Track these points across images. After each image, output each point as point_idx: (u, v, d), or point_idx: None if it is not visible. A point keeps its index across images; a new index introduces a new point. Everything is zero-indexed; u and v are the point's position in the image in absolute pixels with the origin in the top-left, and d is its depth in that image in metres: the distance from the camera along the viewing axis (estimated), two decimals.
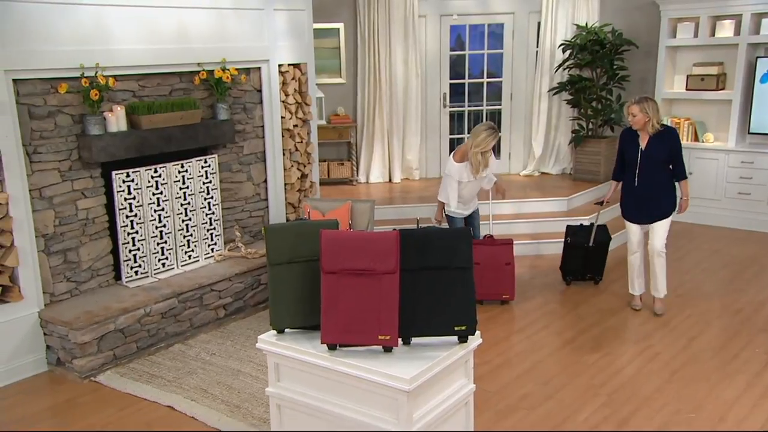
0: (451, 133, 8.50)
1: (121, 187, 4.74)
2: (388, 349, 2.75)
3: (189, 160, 5.19)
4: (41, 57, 4.28)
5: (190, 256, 5.29)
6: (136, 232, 4.88)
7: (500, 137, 6.12)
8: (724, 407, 3.84)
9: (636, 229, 5.12)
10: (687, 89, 7.64)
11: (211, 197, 5.39)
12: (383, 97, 8.03)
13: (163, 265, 5.10)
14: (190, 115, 5.12)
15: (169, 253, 5.14)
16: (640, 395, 3.98)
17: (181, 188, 5.15)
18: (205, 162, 5.31)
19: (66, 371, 4.35)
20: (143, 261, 4.96)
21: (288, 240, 2.90)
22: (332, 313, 2.72)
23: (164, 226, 5.07)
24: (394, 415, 2.63)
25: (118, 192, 4.73)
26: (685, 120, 7.66)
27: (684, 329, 4.89)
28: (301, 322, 2.92)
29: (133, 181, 4.81)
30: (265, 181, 6.04)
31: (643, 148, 4.86)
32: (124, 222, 4.80)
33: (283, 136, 6.05)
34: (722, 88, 7.48)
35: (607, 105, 7.85)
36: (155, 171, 4.95)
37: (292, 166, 6.19)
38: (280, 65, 5.92)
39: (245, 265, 5.30)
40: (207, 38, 5.26)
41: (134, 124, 4.83)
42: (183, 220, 5.20)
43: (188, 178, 5.20)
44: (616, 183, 5.21)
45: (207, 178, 5.34)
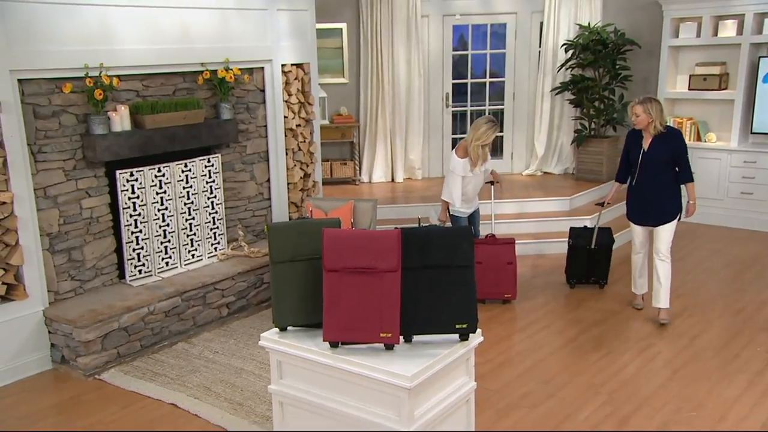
0: (453, 133, 8.51)
1: (125, 186, 4.77)
2: (390, 347, 2.77)
3: (192, 160, 5.21)
4: (46, 57, 4.30)
5: (193, 255, 5.31)
6: (140, 231, 4.91)
7: (499, 132, 6.12)
8: (725, 406, 3.85)
9: (640, 231, 5.06)
10: (689, 89, 7.64)
11: (215, 196, 5.42)
12: (386, 97, 8.04)
13: (167, 263, 5.13)
14: (194, 114, 5.15)
15: (173, 252, 5.16)
16: (641, 394, 4.00)
17: (184, 187, 5.17)
18: (209, 161, 5.34)
19: (70, 369, 4.38)
20: (147, 260, 4.99)
21: (290, 238, 2.92)
22: (334, 311, 2.73)
23: (168, 225, 5.10)
24: (396, 413, 2.65)
25: (122, 191, 4.76)
26: (687, 120, 7.66)
27: (685, 328, 4.89)
28: (304, 320, 2.94)
29: (137, 180, 4.84)
30: (268, 181, 6.07)
31: (645, 149, 4.82)
32: (128, 221, 4.82)
33: (286, 136, 6.08)
34: (725, 88, 7.48)
35: (610, 105, 7.85)
36: (159, 170, 4.98)
37: (295, 165, 6.21)
38: (283, 65, 5.94)
39: (248, 264, 5.32)
40: (210, 38, 5.29)
41: (138, 123, 4.86)
42: (186, 219, 5.23)
43: (192, 178, 5.22)
44: (618, 184, 5.17)
45: (210, 177, 5.36)
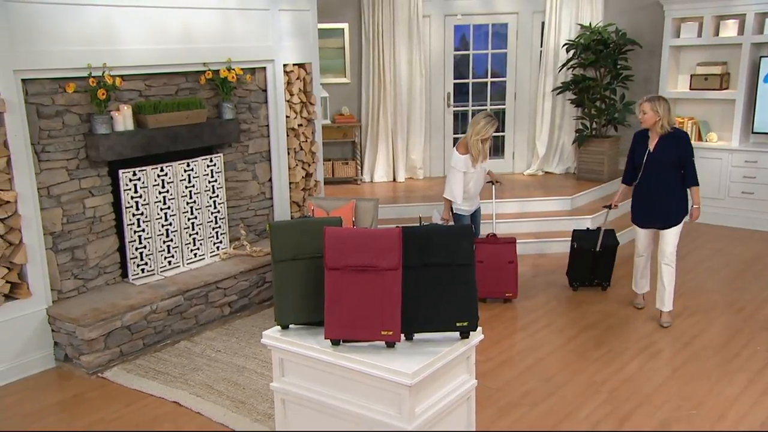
0: (455, 133, 8.52)
1: (127, 185, 4.80)
2: (391, 345, 2.78)
3: (195, 159, 5.24)
4: (49, 57, 4.33)
5: (195, 254, 5.34)
6: (143, 230, 4.93)
7: (501, 131, 6.10)
8: (725, 404, 3.86)
9: (643, 234, 5.00)
10: (691, 89, 7.65)
11: (217, 196, 5.44)
12: (387, 97, 8.06)
13: (169, 263, 5.15)
14: (196, 114, 5.17)
15: (175, 251, 5.19)
16: (642, 392, 4.01)
17: (186, 187, 5.20)
18: (211, 161, 5.36)
19: (73, 367, 4.40)
20: (149, 259, 5.01)
21: (292, 237, 2.93)
22: (336, 309, 2.75)
23: (170, 225, 5.12)
24: (397, 410, 2.67)
25: (125, 190, 4.79)
26: (688, 119, 7.67)
27: (686, 327, 4.90)
28: (306, 318, 2.96)
29: (139, 179, 4.86)
30: (270, 180, 6.09)
31: (651, 150, 4.76)
32: (130, 220, 4.85)
33: (288, 136, 6.10)
34: (726, 88, 7.49)
35: (611, 105, 7.85)
36: (161, 170, 5.00)
37: (297, 165, 6.23)
38: (285, 65, 5.96)
39: (250, 263, 5.35)
40: (213, 38, 5.31)
41: (141, 123, 4.88)
42: (189, 219, 5.25)
43: (194, 177, 5.24)
44: (625, 186, 5.07)
45: (212, 176, 5.38)
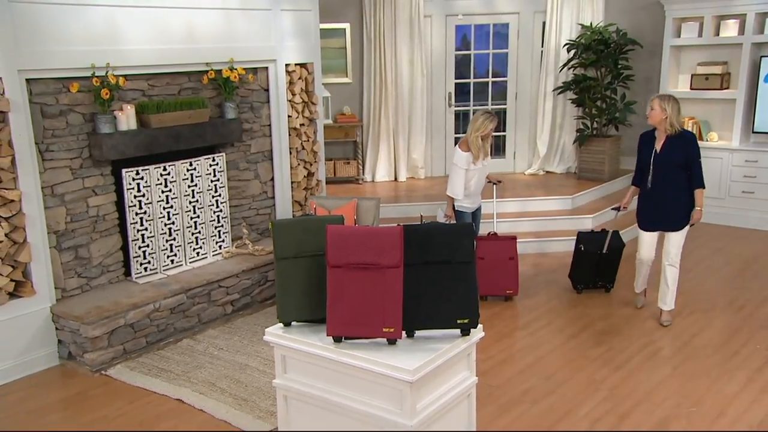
0: (456, 132, 8.54)
1: (130, 184, 4.82)
2: (392, 342, 2.80)
3: (197, 159, 5.26)
4: (53, 57, 4.36)
5: (198, 253, 5.36)
6: (146, 229, 4.96)
7: (502, 131, 6.10)
8: (724, 402, 3.88)
9: (647, 239, 4.92)
10: (691, 88, 7.67)
11: (219, 195, 5.46)
12: (389, 97, 8.08)
13: (172, 261, 5.18)
14: (199, 114, 5.20)
15: (178, 250, 5.22)
16: (641, 390, 4.03)
17: (189, 186, 5.22)
18: (213, 160, 5.39)
19: (77, 365, 4.43)
20: (152, 257, 5.04)
21: (294, 235, 2.95)
22: (338, 307, 2.77)
23: (173, 223, 5.15)
24: (398, 406, 2.69)
25: (128, 189, 4.82)
26: (689, 119, 7.68)
27: (686, 326, 4.92)
28: (308, 315, 2.97)
29: (142, 178, 4.89)
30: (272, 180, 6.11)
31: (658, 150, 4.71)
32: (133, 219, 4.88)
33: (290, 135, 6.12)
34: (726, 88, 7.51)
35: (612, 104, 7.87)
36: (164, 169, 5.03)
37: (299, 164, 6.26)
38: (287, 65, 5.98)
39: (252, 261, 5.37)
40: (215, 38, 5.34)
41: (144, 122, 4.91)
42: (191, 218, 5.28)
43: (196, 176, 5.27)
44: (635, 188, 5.00)
45: (215, 176, 5.41)
